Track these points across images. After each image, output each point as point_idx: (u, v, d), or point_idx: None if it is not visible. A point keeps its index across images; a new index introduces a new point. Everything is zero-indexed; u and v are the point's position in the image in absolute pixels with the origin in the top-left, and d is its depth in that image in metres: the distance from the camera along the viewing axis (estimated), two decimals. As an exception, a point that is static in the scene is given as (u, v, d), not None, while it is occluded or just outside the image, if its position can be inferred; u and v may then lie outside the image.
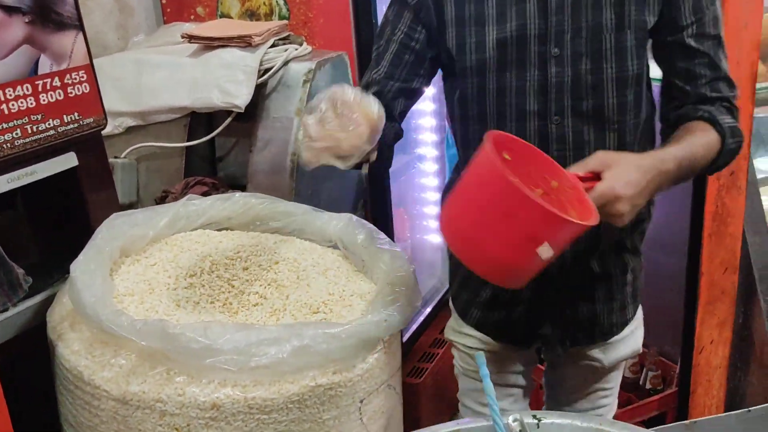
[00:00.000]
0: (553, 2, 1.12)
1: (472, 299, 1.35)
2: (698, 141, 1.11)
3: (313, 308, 1.08)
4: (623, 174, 0.97)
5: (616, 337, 1.32)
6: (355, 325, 0.96)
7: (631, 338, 1.35)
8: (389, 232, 2.25)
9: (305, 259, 1.23)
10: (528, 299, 1.27)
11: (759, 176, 1.95)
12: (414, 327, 2.63)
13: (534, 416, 1.06)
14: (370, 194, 2.18)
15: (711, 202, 1.74)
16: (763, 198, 2.01)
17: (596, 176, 0.98)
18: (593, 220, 0.90)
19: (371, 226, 1.29)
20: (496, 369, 1.37)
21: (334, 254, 1.30)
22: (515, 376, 1.42)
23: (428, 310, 2.34)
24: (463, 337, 1.38)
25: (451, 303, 1.41)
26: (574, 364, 1.39)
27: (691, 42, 1.15)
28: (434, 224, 2.54)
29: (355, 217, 1.31)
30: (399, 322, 1.01)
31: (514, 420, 1.05)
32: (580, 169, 0.99)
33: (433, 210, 2.54)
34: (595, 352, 1.33)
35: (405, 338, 2.56)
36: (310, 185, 1.80)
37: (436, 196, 2.50)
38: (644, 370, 2.23)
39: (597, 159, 1.00)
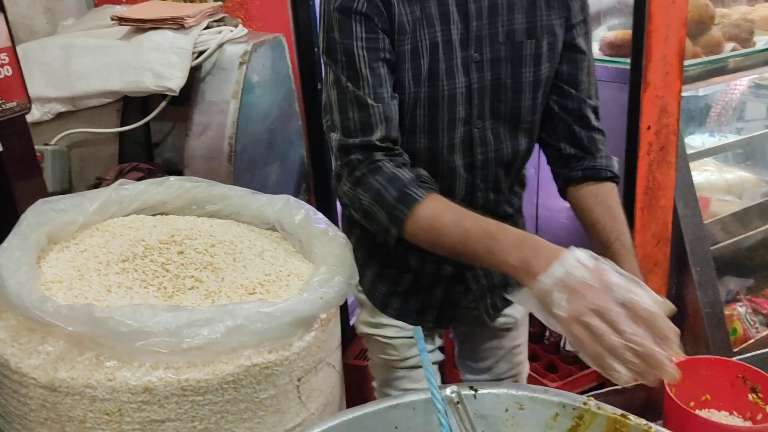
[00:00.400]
0: (473, 7, 1.13)
1: (391, 290, 1.37)
2: (623, 220, 1.21)
3: (249, 289, 1.07)
4: None
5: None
6: (290, 303, 0.95)
7: None
8: (333, 216, 2.25)
9: (242, 242, 1.22)
10: (448, 278, 1.31)
11: (688, 151, 2.02)
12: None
13: (471, 387, 1.08)
14: (313, 178, 2.17)
15: (642, 177, 1.80)
16: (693, 173, 2.08)
17: None
18: None
19: (309, 206, 1.28)
20: (415, 352, 1.40)
21: (272, 236, 1.29)
22: (434, 354, 1.44)
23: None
24: (382, 328, 1.40)
25: (363, 297, 1.41)
26: (487, 329, 1.45)
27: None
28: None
29: (292, 198, 1.30)
30: (335, 299, 1.01)
31: (452, 392, 1.07)
32: None
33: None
34: (508, 310, 1.42)
35: (353, 320, 2.57)
36: (250, 169, 1.78)
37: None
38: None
39: None
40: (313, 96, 2.08)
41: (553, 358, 2.36)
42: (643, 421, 0.97)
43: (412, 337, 1.35)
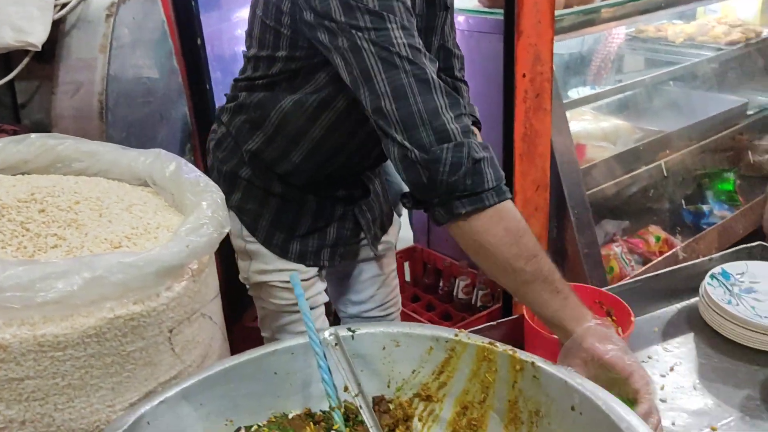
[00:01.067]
0: None
1: (289, 236, 1.41)
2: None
3: (114, 243, 1.03)
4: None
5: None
6: (154, 252, 0.93)
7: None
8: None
9: (109, 197, 1.17)
10: (340, 217, 1.37)
11: (564, 100, 2.09)
12: None
13: (349, 329, 1.10)
14: (198, 138, 2.11)
15: (520, 124, 1.85)
16: (571, 122, 2.17)
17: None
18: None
19: (182, 159, 1.24)
20: (310, 293, 1.46)
21: (143, 191, 1.25)
22: (321, 296, 1.48)
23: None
24: (278, 274, 1.43)
25: (256, 247, 1.43)
26: (369, 259, 1.57)
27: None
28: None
29: (164, 152, 1.26)
30: (204, 247, 0.99)
31: (330, 334, 1.08)
32: None
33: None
34: (385, 237, 1.55)
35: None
36: (125, 128, 1.71)
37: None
38: (475, 290, 2.37)
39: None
40: (193, 52, 2.01)
41: (447, 307, 2.43)
42: (509, 347, 1.02)
43: (307, 279, 1.44)
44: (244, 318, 2.43)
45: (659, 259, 2.39)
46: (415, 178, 1.05)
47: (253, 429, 1.03)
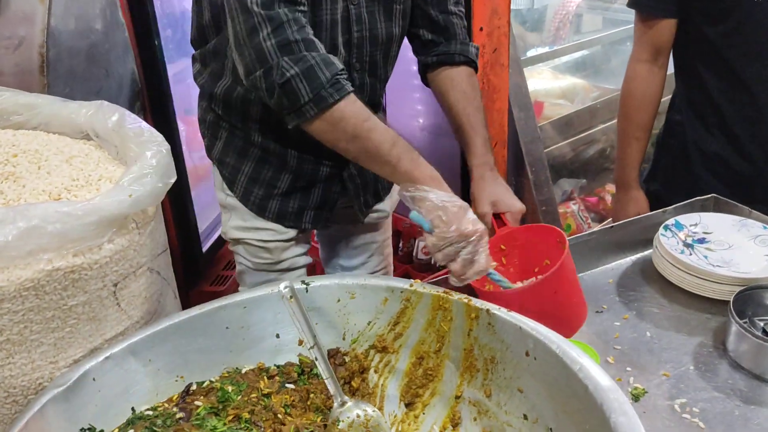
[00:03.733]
0: None
1: (268, 193, 1.35)
2: (477, 104, 1.33)
3: (53, 195, 0.99)
4: (509, 197, 1.23)
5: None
6: (94, 202, 0.89)
7: None
8: (174, 140, 2.14)
9: (48, 150, 1.12)
10: (325, 178, 1.33)
11: (521, 57, 2.08)
12: (216, 235, 2.57)
13: (303, 282, 1.08)
14: (149, 99, 2.05)
15: (477, 80, 1.83)
16: (529, 80, 2.16)
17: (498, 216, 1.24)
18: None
19: (125, 110, 1.19)
20: (287, 255, 1.39)
21: (85, 144, 1.20)
22: (304, 258, 1.44)
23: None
24: (256, 232, 1.38)
25: (234, 202, 1.38)
26: (360, 225, 1.51)
27: None
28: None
29: (106, 103, 1.21)
30: (147, 198, 0.96)
31: (285, 287, 1.06)
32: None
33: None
34: (379, 205, 1.48)
35: (206, 247, 2.50)
36: (69, 83, 1.64)
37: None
38: (415, 242, 2.36)
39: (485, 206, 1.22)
40: (141, 7, 1.93)
41: (407, 268, 2.43)
42: (464, 296, 1.01)
43: (286, 240, 1.38)
44: (200, 284, 2.39)
45: (616, 215, 2.40)
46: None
47: (204, 384, 1.01)
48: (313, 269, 1.73)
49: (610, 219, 2.38)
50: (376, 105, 1.36)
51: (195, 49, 1.39)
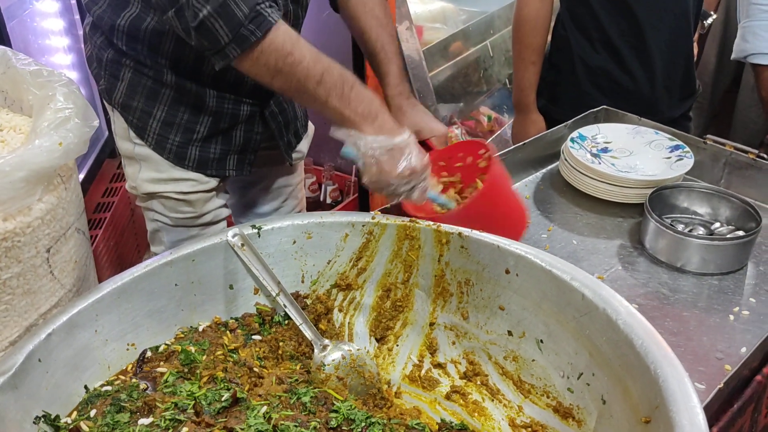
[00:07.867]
0: None
1: (187, 139, 1.21)
2: (390, 30, 1.26)
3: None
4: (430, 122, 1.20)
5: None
6: (21, 153, 0.74)
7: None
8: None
9: None
10: (246, 119, 1.22)
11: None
12: (81, 176, 2.32)
13: (253, 226, 0.99)
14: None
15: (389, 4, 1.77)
16: (404, 3, 2.11)
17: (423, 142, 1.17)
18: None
19: (7, 48, 1.00)
20: (210, 207, 1.29)
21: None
22: (226, 210, 1.33)
23: (92, 157, 2.03)
24: (173, 183, 1.23)
25: (147, 151, 1.22)
26: (279, 167, 1.43)
27: None
28: (71, 74, 2.16)
29: (-24, 41, 1.01)
30: (77, 143, 0.82)
31: (234, 235, 0.97)
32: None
33: (63, 59, 2.11)
34: (299, 146, 1.41)
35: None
36: None
37: (64, 41, 2.09)
38: (323, 186, 2.31)
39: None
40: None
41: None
42: (431, 222, 0.98)
43: (208, 191, 1.27)
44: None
45: (493, 137, 2.48)
46: None
47: (161, 349, 0.91)
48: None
49: (489, 141, 2.45)
50: None
51: None
